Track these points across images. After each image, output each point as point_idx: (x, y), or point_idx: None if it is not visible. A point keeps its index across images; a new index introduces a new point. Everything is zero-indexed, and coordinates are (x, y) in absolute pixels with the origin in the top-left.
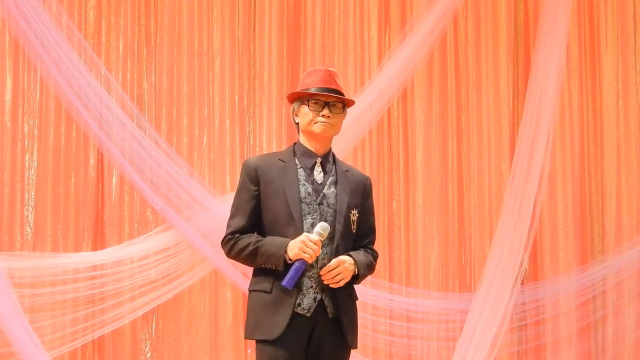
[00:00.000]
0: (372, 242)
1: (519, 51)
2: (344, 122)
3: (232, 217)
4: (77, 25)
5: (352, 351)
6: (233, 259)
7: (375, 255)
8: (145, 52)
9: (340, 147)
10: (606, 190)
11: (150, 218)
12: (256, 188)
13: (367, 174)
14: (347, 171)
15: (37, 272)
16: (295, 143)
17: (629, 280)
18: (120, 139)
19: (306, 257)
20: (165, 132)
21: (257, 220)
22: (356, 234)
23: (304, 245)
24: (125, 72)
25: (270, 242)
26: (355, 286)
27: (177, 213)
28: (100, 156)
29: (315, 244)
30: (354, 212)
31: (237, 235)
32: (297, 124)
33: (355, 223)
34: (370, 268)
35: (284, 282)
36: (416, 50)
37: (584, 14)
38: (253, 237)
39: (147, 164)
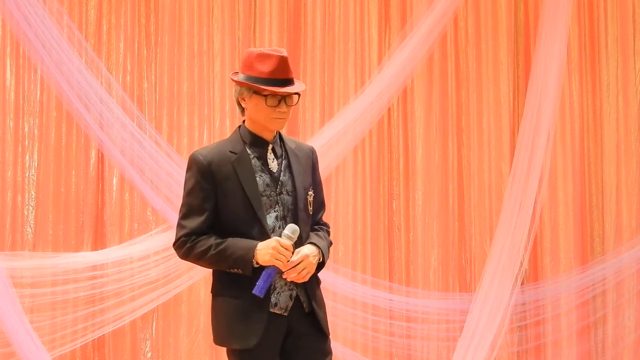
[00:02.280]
0: (322, 215)
1: (519, 51)
2: (343, 121)
3: (184, 217)
4: (78, 25)
5: (353, 351)
6: (190, 262)
7: (328, 230)
8: (145, 52)
9: (341, 147)
10: (606, 190)
11: (151, 218)
12: (211, 186)
13: (367, 174)
14: (295, 148)
15: (37, 272)
16: (240, 127)
17: (629, 280)
18: (120, 139)
19: (279, 264)
20: (165, 132)
21: (214, 220)
22: (312, 212)
23: (276, 251)
24: (125, 72)
25: (235, 244)
26: (356, 286)
27: (177, 213)
28: (100, 156)
29: (287, 249)
30: (310, 192)
31: (193, 237)
32: (243, 108)
33: (312, 204)
34: (330, 246)
35: (255, 291)
36: (416, 50)
37: (584, 14)
38: (212, 239)
39: (148, 164)
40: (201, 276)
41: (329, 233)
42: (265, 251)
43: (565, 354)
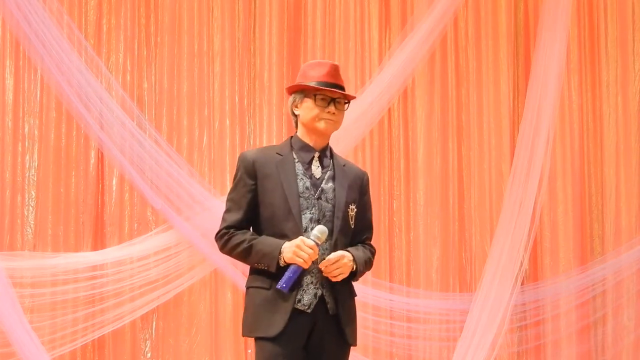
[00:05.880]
0: (370, 238)
1: (519, 51)
2: (344, 120)
3: (227, 210)
4: (78, 25)
5: (353, 351)
6: (226, 254)
7: (373, 251)
8: (145, 52)
9: (341, 147)
10: (606, 190)
11: (150, 218)
12: (253, 182)
13: (368, 173)
14: (344, 166)
15: (37, 272)
16: (292, 137)
17: (628, 280)
18: (120, 138)
19: (300, 261)
20: (165, 132)
21: (253, 215)
22: (354, 229)
23: (298, 249)
24: (125, 72)
25: (265, 241)
26: (356, 286)
27: (177, 213)
28: (100, 156)
29: (311, 248)
30: (352, 207)
31: (232, 230)
32: (297, 116)
33: (353, 218)
34: (368, 264)
35: (278, 285)
36: (417, 50)
37: (584, 14)
38: (248, 234)
39: (148, 164)
40: (201, 276)
41: (373, 255)
42: (289, 248)
43: (565, 354)
